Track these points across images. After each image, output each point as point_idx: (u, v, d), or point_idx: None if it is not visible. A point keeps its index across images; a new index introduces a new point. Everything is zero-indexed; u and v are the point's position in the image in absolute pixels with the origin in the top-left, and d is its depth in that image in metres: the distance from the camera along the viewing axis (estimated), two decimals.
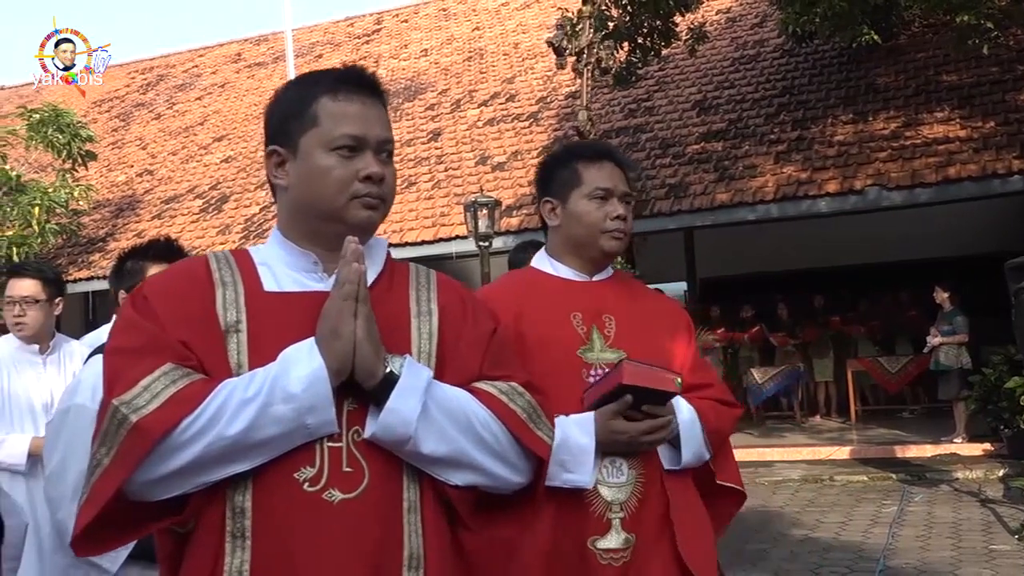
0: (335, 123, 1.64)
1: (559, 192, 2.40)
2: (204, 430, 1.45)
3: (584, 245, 2.38)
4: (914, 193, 11.17)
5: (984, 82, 12.58)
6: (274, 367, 1.50)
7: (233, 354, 1.55)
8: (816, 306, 14.44)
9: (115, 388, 1.48)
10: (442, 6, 21.42)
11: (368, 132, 1.65)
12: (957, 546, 7.14)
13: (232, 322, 1.58)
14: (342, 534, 1.53)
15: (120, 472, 1.44)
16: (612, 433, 2.14)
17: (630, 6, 11.59)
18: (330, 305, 1.55)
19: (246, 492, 1.50)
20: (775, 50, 15.25)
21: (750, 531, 8.03)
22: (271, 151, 1.69)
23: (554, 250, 2.45)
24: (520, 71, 17.42)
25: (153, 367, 1.48)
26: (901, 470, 10.30)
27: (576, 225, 2.36)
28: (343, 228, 1.62)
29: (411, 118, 17.06)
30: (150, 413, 1.44)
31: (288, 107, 1.70)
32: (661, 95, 15.24)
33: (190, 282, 1.62)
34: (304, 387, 1.48)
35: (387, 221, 11.39)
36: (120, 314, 1.65)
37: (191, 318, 1.57)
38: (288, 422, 1.48)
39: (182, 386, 1.47)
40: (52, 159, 15.40)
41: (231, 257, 1.69)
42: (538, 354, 2.15)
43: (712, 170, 12.71)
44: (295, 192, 1.66)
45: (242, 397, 1.47)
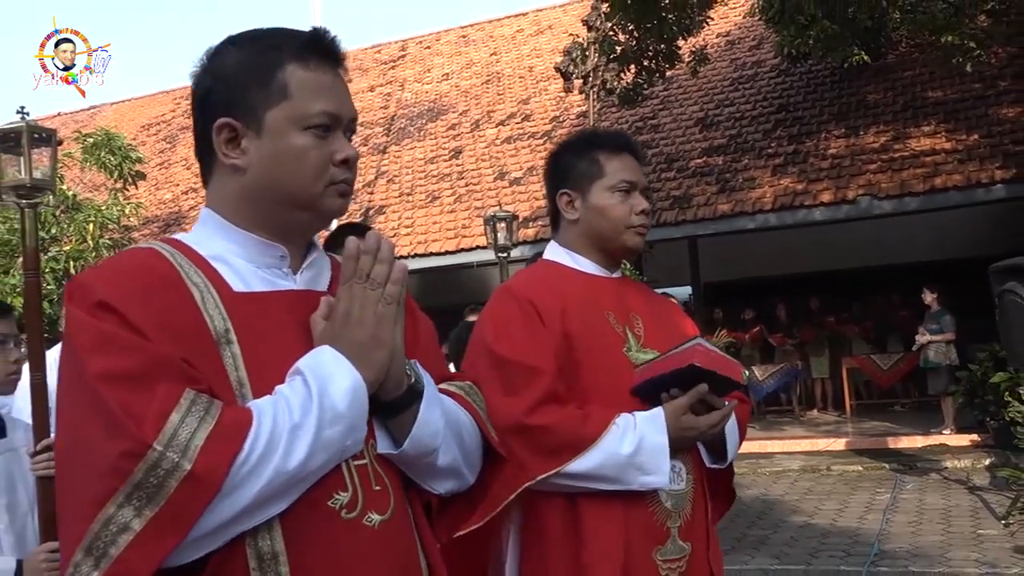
0: (310, 97, 1.30)
1: (578, 184, 2.12)
2: (257, 469, 1.12)
3: (607, 240, 2.11)
4: (903, 202, 11.14)
5: (968, 98, 12.52)
6: (311, 383, 1.19)
7: (231, 369, 1.21)
8: (812, 308, 14.44)
9: (141, 427, 1.08)
10: (462, 33, 21.47)
11: (342, 109, 1.34)
12: (947, 531, 7.10)
13: (222, 331, 1.23)
14: (385, 561, 1.27)
15: (172, 536, 1.07)
16: (683, 429, 1.89)
17: (636, 31, 11.62)
18: (362, 310, 1.25)
19: (273, 533, 1.16)
20: (771, 70, 15.21)
21: (753, 517, 8.01)
22: (223, 124, 1.30)
23: (571, 244, 2.16)
24: (534, 92, 17.43)
25: (173, 396, 1.11)
26: (893, 460, 10.25)
27: (600, 219, 2.09)
28: (313, 218, 1.36)
29: (434, 137, 17.11)
30: (200, 456, 1.08)
31: (245, 73, 1.31)
32: (666, 113, 15.23)
33: (162, 284, 1.23)
34: (348, 404, 1.20)
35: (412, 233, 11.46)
36: (79, 327, 1.16)
37: (181, 329, 1.20)
38: (335, 446, 1.20)
39: (216, 417, 1.12)
40: (105, 179, 15.53)
41: (177, 251, 1.30)
42: (584, 354, 1.95)
43: (714, 183, 12.71)
44: (257, 175, 1.31)
45: (291, 423, 1.15)
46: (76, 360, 1.15)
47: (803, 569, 6.27)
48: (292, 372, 1.23)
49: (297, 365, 1.23)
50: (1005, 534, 6.70)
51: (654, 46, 11.89)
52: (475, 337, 2.05)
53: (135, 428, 1.08)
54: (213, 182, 1.36)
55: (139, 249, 1.32)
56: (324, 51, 1.36)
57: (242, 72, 1.32)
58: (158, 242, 1.33)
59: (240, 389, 1.21)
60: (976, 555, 6.31)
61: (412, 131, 17.61)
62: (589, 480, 1.86)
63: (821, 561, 6.47)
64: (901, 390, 14.18)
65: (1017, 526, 6.37)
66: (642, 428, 1.87)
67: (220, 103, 1.31)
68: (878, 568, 6.16)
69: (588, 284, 2.10)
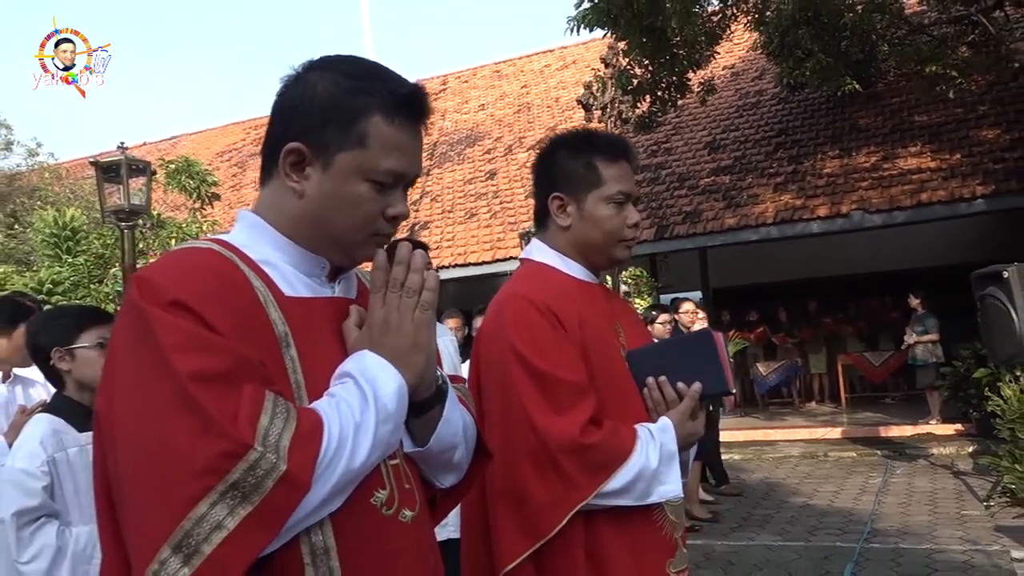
0: (384, 153, 1.20)
1: (573, 189, 1.85)
2: (330, 469, 1.07)
3: (597, 250, 1.87)
4: (892, 215, 11.03)
5: (950, 121, 12.37)
6: (364, 386, 1.14)
7: (291, 371, 1.14)
8: (810, 310, 14.36)
9: (238, 428, 1.01)
10: (496, 68, 21.53)
11: (409, 169, 1.24)
12: (933, 512, 7.02)
13: (283, 334, 1.15)
14: (419, 554, 1.24)
15: (265, 534, 1.01)
16: (686, 436, 1.76)
17: (651, 65, 11.62)
18: (399, 317, 1.19)
19: (326, 528, 1.10)
20: (772, 98, 15.12)
21: (757, 499, 7.96)
22: (294, 149, 1.19)
23: (560, 248, 1.89)
24: (561, 120, 17.44)
25: (259, 398, 1.05)
26: (885, 447, 10.15)
27: (593, 230, 1.84)
28: (345, 258, 1.27)
29: (472, 161, 17.17)
30: (290, 456, 1.02)
31: (330, 109, 1.19)
32: (678, 138, 15.18)
33: (230, 285, 1.14)
34: (396, 404, 1.16)
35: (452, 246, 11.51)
36: (161, 324, 1.05)
37: (251, 330, 1.11)
38: (386, 443, 1.15)
39: (296, 419, 1.06)
40: (185, 200, 15.73)
41: (232, 253, 1.19)
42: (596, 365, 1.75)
43: (721, 199, 12.65)
44: (312, 205, 1.21)
45: (355, 422, 1.10)
46: (159, 357, 1.03)
47: (803, 545, 6.23)
48: (339, 375, 1.17)
49: (343, 369, 1.17)
50: (986, 515, 6.61)
51: (667, 78, 11.89)
52: (498, 343, 1.76)
53: (232, 429, 1.00)
54: (269, 191, 1.26)
55: (198, 248, 1.20)
56: (413, 111, 1.24)
57: (328, 106, 1.19)
58: (209, 241, 1.22)
59: (297, 391, 1.14)
60: (960, 533, 6.24)
61: (452, 155, 17.70)
62: (617, 496, 1.67)
63: (819, 538, 6.42)
64: (891, 384, 14.05)
65: (997, 507, 6.28)
66: (659, 438, 1.71)
67: (298, 125, 1.20)
68: (871, 545, 6.10)
69: (585, 292, 1.88)
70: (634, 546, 1.70)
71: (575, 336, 1.74)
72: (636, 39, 10.81)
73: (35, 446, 2.38)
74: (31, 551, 2.27)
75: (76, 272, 12.93)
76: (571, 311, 1.76)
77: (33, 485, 2.32)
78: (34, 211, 15.67)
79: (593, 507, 1.66)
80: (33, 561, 2.26)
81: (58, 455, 2.40)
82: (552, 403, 1.66)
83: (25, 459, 2.36)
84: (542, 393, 1.66)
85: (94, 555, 2.33)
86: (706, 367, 1.77)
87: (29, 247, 15.45)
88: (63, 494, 2.39)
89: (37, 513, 2.31)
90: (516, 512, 1.64)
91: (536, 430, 1.63)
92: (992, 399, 6.13)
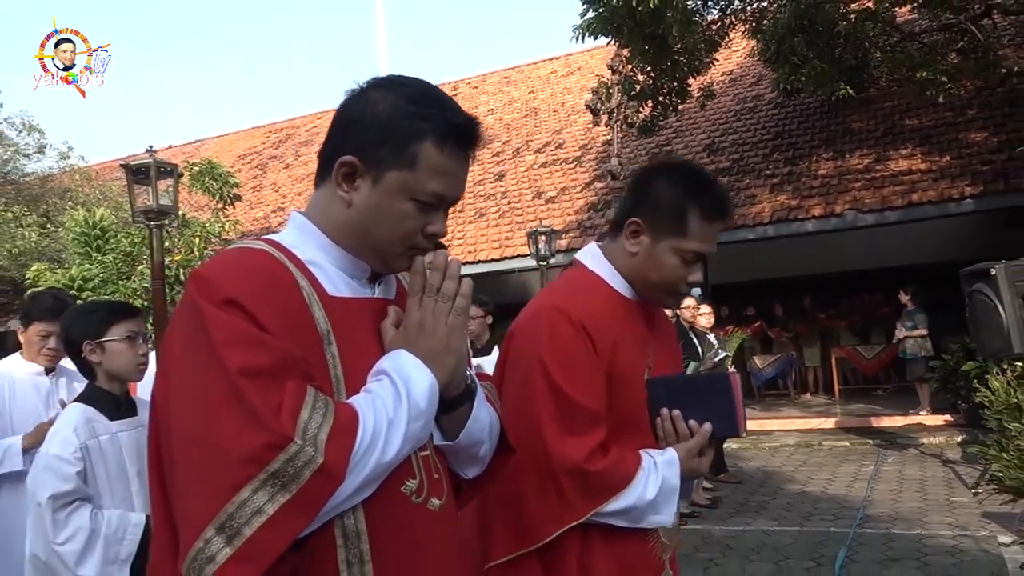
0: (431, 177, 1.22)
1: (655, 224, 1.74)
2: (363, 461, 1.09)
3: (650, 289, 1.79)
4: (884, 215, 11.01)
5: (940, 125, 12.32)
6: (398, 383, 1.16)
7: (331, 367, 1.17)
8: (805, 306, 14.33)
9: (281, 422, 1.04)
10: (504, 75, 21.52)
11: (453, 193, 1.27)
12: (923, 498, 7.00)
13: (325, 332, 1.17)
14: (447, 540, 1.26)
15: (301, 520, 1.04)
16: (690, 471, 1.72)
17: (653, 72, 11.60)
18: (435, 320, 1.22)
19: (358, 514, 1.13)
20: (769, 103, 15.07)
21: (754, 486, 7.95)
22: (348, 162, 1.22)
23: (618, 265, 1.80)
24: (566, 124, 17.43)
25: (300, 393, 1.07)
26: (876, 437, 10.14)
27: (653, 271, 1.75)
28: (383, 268, 1.29)
29: (481, 163, 17.16)
30: (327, 449, 1.05)
31: (387, 129, 1.21)
32: (678, 141, 15.14)
33: (279, 285, 1.16)
34: (428, 402, 1.18)
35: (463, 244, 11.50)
36: (214, 321, 1.08)
37: (297, 328, 1.14)
38: (416, 438, 1.18)
39: (334, 414, 1.08)
40: (208, 200, 15.78)
41: (282, 253, 1.21)
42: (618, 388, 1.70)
43: None
44: (358, 216, 1.23)
45: (388, 418, 1.13)
46: (212, 352, 1.06)
47: (798, 530, 6.22)
48: (376, 372, 1.19)
49: (380, 366, 1.19)
50: (974, 502, 6.60)
51: (668, 84, 11.87)
52: (529, 351, 1.70)
53: (275, 422, 1.03)
54: (321, 194, 1.27)
55: (250, 249, 1.21)
56: (464, 140, 1.27)
57: (386, 125, 1.21)
58: (261, 242, 1.24)
59: (337, 385, 1.16)
60: (949, 519, 6.22)
61: None
62: (612, 517, 1.66)
63: (813, 524, 6.40)
64: (883, 377, 14.01)
65: (985, 495, 6.26)
66: (662, 472, 1.68)
67: (355, 139, 1.22)
68: (863, 530, 6.09)
69: (627, 311, 1.79)
70: (623, 561, 1.68)
71: (604, 358, 1.69)
72: (638, 47, 10.79)
73: (69, 433, 2.39)
74: (66, 532, 2.28)
75: (105, 269, 12.98)
76: (607, 333, 1.70)
77: (67, 470, 2.33)
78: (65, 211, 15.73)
79: (587, 522, 1.66)
80: (68, 542, 2.28)
81: (90, 442, 2.41)
82: (567, 425, 1.64)
83: (59, 446, 2.37)
84: (559, 413, 1.64)
85: (125, 536, 2.34)
86: (720, 409, 1.74)
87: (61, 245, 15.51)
88: (95, 479, 2.41)
89: (71, 497, 2.33)
90: (511, 516, 1.64)
91: (546, 447, 1.62)
92: (980, 391, 6.11)
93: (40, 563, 2.31)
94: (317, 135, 22.47)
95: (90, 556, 2.29)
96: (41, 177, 18.47)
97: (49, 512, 2.28)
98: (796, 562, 5.41)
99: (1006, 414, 5.63)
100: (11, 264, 15.55)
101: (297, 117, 24.46)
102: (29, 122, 17.64)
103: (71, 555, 2.27)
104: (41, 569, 2.31)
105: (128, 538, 2.35)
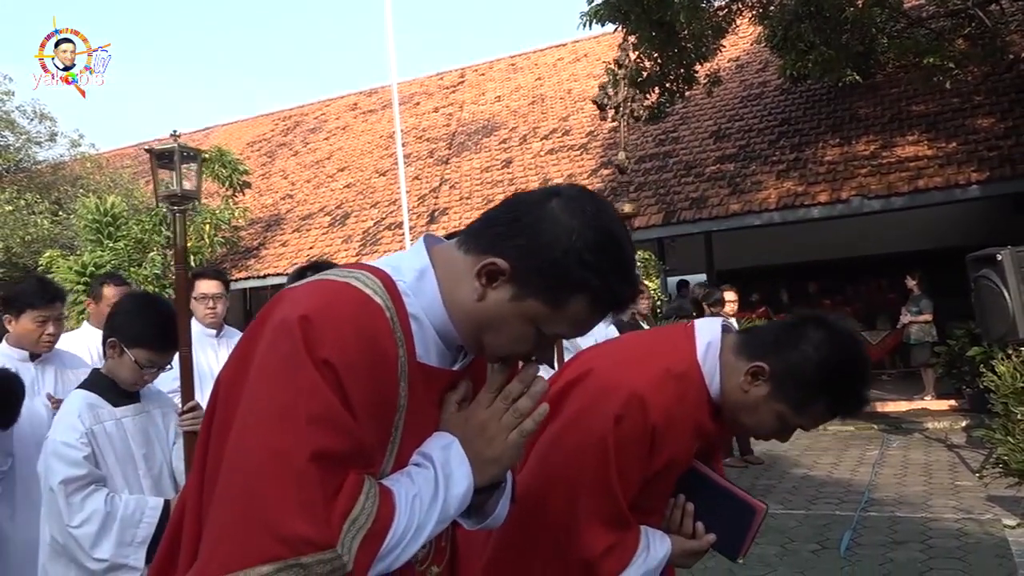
0: (565, 323, 1.16)
1: (787, 394, 1.62)
2: (381, 558, 1.07)
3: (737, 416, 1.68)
4: (890, 201, 10.94)
5: (947, 111, 12.24)
6: (440, 483, 1.13)
7: (395, 432, 1.13)
8: (811, 292, 14.31)
9: (331, 523, 1.00)
10: (511, 62, 21.43)
11: (573, 336, 1.21)
12: (928, 482, 7.00)
13: (402, 405, 1.13)
14: None
15: None
16: (676, 562, 1.72)
17: (660, 58, 11.56)
18: (498, 430, 1.16)
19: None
20: (776, 89, 14.98)
21: (760, 470, 7.96)
22: (499, 268, 1.13)
23: (725, 384, 1.67)
24: (573, 111, 17.37)
25: (357, 488, 1.04)
26: (881, 422, 10.12)
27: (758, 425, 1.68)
28: (477, 354, 1.25)
29: (488, 150, 17.14)
30: (357, 555, 1.03)
31: (553, 265, 1.12)
32: (685, 127, 15.08)
33: (379, 357, 1.09)
34: (459, 506, 1.15)
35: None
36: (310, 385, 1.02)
37: (380, 403, 1.10)
38: (434, 534, 1.15)
39: (375, 517, 1.05)
40: (218, 188, 15.80)
41: (391, 302, 1.13)
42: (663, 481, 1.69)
43: (726, 186, 12.58)
44: (481, 313, 1.15)
45: (419, 522, 1.10)
46: (295, 411, 1.02)
47: (803, 514, 6.23)
48: (424, 455, 1.16)
49: (429, 450, 1.16)
50: (979, 485, 6.59)
51: (675, 70, 11.82)
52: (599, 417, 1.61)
53: (325, 523, 1.00)
54: (460, 264, 1.17)
55: (362, 295, 1.11)
56: (617, 308, 1.19)
57: (554, 262, 1.11)
58: (374, 278, 1.14)
59: (391, 448, 1.13)
60: (954, 503, 6.22)
61: (470, 145, 17.66)
62: None
63: (819, 507, 6.42)
64: (888, 362, 13.96)
65: (989, 479, 6.26)
66: (653, 553, 1.67)
67: (517, 250, 1.13)
68: (868, 513, 6.10)
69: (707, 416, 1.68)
70: None
71: (657, 462, 1.64)
72: (645, 33, 10.74)
73: (73, 419, 2.41)
74: (81, 516, 2.30)
75: (116, 256, 13.02)
76: (674, 440, 1.63)
77: (75, 455, 2.34)
78: (77, 199, 15.77)
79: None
80: (84, 525, 2.29)
81: (95, 427, 2.42)
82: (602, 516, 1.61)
83: (65, 432, 2.39)
84: (599, 504, 1.61)
85: (142, 519, 2.36)
86: (733, 530, 1.72)
87: (73, 232, 15.57)
88: (105, 464, 2.42)
89: (84, 481, 2.33)
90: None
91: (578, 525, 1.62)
92: (986, 375, 6.10)
93: (58, 545, 2.33)
94: (325, 122, 22.48)
95: (105, 539, 2.30)
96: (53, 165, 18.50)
97: (63, 496, 2.30)
98: (801, 544, 5.42)
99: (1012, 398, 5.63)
100: (24, 251, 15.61)
101: (305, 104, 24.41)
102: (40, 110, 17.64)
103: (87, 538, 2.29)
104: (59, 551, 2.33)
105: (146, 521, 2.36)
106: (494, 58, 22.08)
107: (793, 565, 5.03)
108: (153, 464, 2.56)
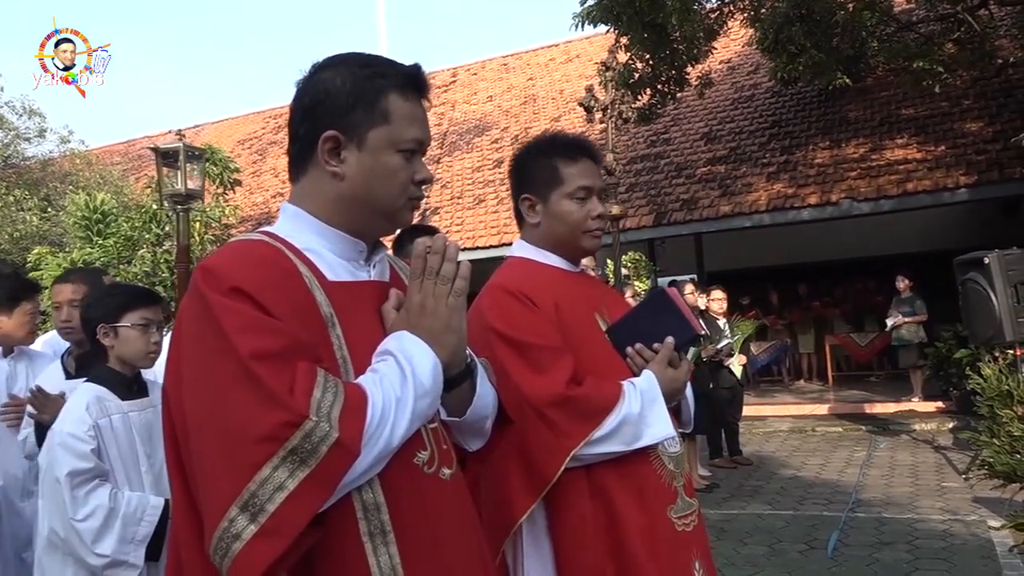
0: (406, 124, 1.28)
1: (539, 190, 1.92)
2: (375, 437, 1.11)
3: (566, 242, 1.93)
4: (879, 204, 11.03)
5: (936, 115, 12.33)
6: (403, 364, 1.18)
7: (336, 349, 1.19)
8: (800, 293, 14.36)
9: (296, 401, 1.06)
10: (503, 62, 21.43)
11: (426, 137, 1.34)
12: (915, 483, 7.06)
13: (328, 315, 1.20)
14: (460, 508, 1.29)
15: (321, 493, 1.07)
16: (670, 382, 1.81)
17: (651, 60, 11.59)
18: (435, 302, 1.24)
19: (375, 486, 1.15)
20: (766, 92, 15.06)
21: (749, 470, 8.01)
22: (331, 136, 1.25)
23: (536, 243, 1.97)
24: (564, 112, 17.39)
25: (311, 374, 1.10)
26: (869, 423, 10.19)
27: (558, 225, 1.90)
28: (389, 225, 1.34)
29: (480, 150, 17.15)
30: (341, 426, 1.08)
31: (353, 95, 1.26)
32: (676, 129, 15.14)
33: (282, 273, 1.19)
34: (432, 380, 1.20)
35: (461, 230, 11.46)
36: (223, 309, 1.10)
37: (301, 314, 1.17)
38: (423, 415, 1.20)
39: (344, 393, 1.11)
40: (208, 186, 15.69)
41: (280, 244, 1.25)
42: (577, 344, 1.79)
43: (717, 187, 12.64)
44: (353, 184, 1.27)
45: (396, 396, 1.15)
46: (222, 339, 1.09)
47: (791, 514, 6.27)
48: (380, 353, 1.22)
49: (384, 347, 1.22)
50: (965, 487, 6.65)
51: (666, 72, 11.86)
52: (478, 329, 1.74)
53: (290, 401, 1.06)
54: (306, 182, 1.31)
55: (251, 241, 1.25)
56: (419, 86, 1.33)
57: (351, 92, 1.27)
58: (259, 234, 1.28)
59: (344, 366, 1.19)
60: (940, 504, 6.28)
61: (462, 144, 17.67)
62: (610, 441, 1.71)
63: (807, 508, 6.46)
64: (876, 364, 14.06)
65: (975, 480, 6.30)
66: (640, 386, 1.77)
67: (327, 115, 1.26)
68: (855, 514, 6.14)
69: (565, 280, 1.92)
70: (637, 491, 1.74)
71: (550, 316, 1.79)
72: (637, 35, 10.78)
73: (81, 412, 2.41)
74: (85, 510, 2.30)
75: (106, 253, 12.95)
76: (545, 296, 1.81)
77: (82, 448, 2.35)
78: (66, 195, 15.68)
79: (587, 458, 1.70)
80: (87, 520, 2.30)
81: (102, 421, 2.43)
82: (533, 366, 1.72)
83: (72, 424, 2.39)
84: (522, 359, 1.73)
85: (143, 518, 2.37)
86: (670, 321, 1.86)
87: (62, 229, 15.48)
88: (108, 458, 2.43)
89: (90, 474, 2.34)
90: (517, 469, 1.69)
91: (523, 391, 1.68)
92: (972, 378, 6.15)
93: (58, 538, 2.33)
94: None
95: (108, 534, 2.31)
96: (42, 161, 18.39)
97: (68, 489, 2.30)
98: (789, 545, 5.46)
99: (997, 401, 5.68)
100: (12, 248, 15.52)
101: None
102: (30, 106, 17.53)
103: (89, 532, 2.29)
104: (58, 544, 2.34)
105: (146, 519, 2.37)
106: (486, 58, 22.07)
107: (781, 565, 5.07)
108: (155, 460, 2.56)
